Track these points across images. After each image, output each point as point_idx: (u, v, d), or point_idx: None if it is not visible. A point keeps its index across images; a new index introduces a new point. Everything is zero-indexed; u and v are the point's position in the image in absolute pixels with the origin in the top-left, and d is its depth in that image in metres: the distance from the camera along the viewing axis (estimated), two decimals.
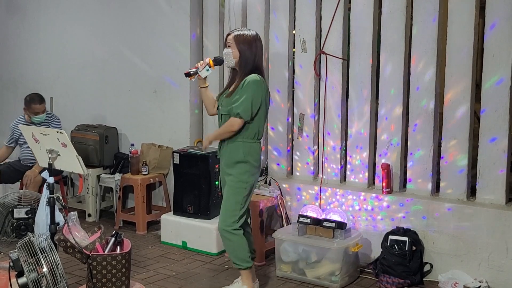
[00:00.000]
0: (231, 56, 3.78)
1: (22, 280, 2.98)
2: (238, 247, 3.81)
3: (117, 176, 5.60)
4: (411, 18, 4.32)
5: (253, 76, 3.72)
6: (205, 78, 3.88)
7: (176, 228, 4.96)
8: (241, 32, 3.81)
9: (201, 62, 3.87)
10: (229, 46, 3.79)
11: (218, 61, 3.89)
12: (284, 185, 4.87)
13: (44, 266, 2.97)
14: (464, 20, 4.07)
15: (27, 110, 5.39)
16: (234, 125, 3.72)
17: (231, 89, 3.82)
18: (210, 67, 3.84)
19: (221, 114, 3.84)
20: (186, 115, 5.43)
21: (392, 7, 4.35)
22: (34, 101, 5.38)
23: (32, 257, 3.00)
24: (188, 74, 3.88)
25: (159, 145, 5.52)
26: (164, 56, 5.52)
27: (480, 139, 4.11)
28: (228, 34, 3.85)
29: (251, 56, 3.77)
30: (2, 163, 5.54)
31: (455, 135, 4.19)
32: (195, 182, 4.89)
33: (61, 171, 5.49)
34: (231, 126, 3.73)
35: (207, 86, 3.94)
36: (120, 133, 5.90)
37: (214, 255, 4.73)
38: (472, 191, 4.24)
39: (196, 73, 3.86)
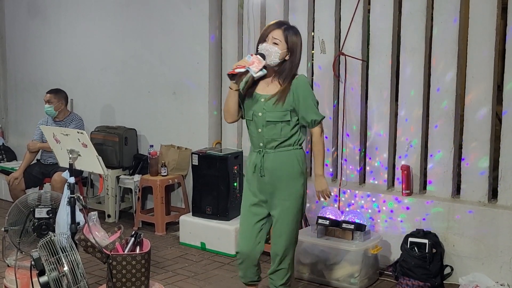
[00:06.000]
0: (278, 56, 3.21)
1: (44, 279, 3.00)
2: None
3: (136, 177, 5.63)
4: (432, 19, 4.29)
5: (303, 77, 3.30)
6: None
7: (195, 229, 4.97)
8: (292, 29, 3.27)
9: (247, 60, 3.19)
10: (275, 44, 3.21)
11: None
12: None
13: (65, 265, 3.00)
14: (485, 21, 4.03)
15: None
16: (321, 135, 3.31)
17: (274, 93, 3.27)
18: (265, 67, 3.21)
19: (266, 121, 3.26)
20: (205, 116, 5.44)
21: (412, 8, 4.32)
22: (48, 91, 5.48)
23: (53, 256, 3.02)
24: (233, 75, 3.17)
25: (178, 147, 5.54)
26: (183, 58, 5.54)
27: (502, 141, 4.07)
28: (274, 29, 3.25)
29: (298, 57, 3.30)
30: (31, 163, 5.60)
31: (476, 137, 4.15)
32: (214, 183, 4.90)
33: (81, 172, 5.53)
34: (322, 139, 3.31)
35: (239, 89, 3.33)
36: (139, 135, 5.93)
37: (232, 257, 4.73)
38: (493, 193, 4.19)
39: (246, 73, 3.18)
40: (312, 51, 4.92)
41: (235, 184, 4.90)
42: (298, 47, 3.28)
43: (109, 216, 5.74)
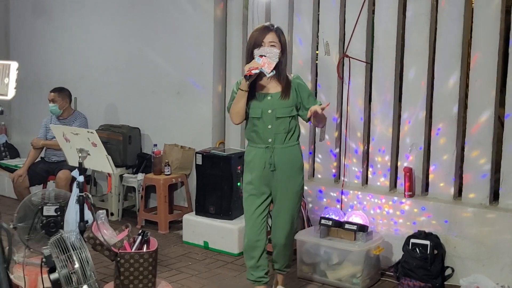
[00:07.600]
0: (277, 57, 3.45)
1: (54, 276, 3.03)
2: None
3: (140, 176, 5.67)
4: (436, 22, 4.33)
5: (299, 76, 3.65)
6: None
7: (198, 228, 5.01)
8: (280, 30, 3.54)
9: (258, 62, 3.39)
10: (273, 46, 3.45)
11: None
12: (305, 187, 4.89)
13: (76, 262, 3.03)
14: (489, 25, 4.07)
15: None
16: None
17: (280, 91, 3.50)
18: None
19: (277, 117, 3.49)
20: (208, 116, 5.48)
21: (417, 11, 4.36)
22: (51, 90, 5.55)
23: (63, 254, 3.06)
24: (250, 76, 3.37)
25: (181, 146, 5.57)
26: (188, 58, 5.57)
27: (504, 144, 4.11)
28: (267, 33, 3.46)
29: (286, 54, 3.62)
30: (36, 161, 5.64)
31: (478, 140, 4.19)
32: (217, 183, 4.94)
33: (86, 170, 5.56)
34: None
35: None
36: (143, 134, 5.97)
37: (235, 256, 4.77)
38: (495, 196, 4.24)
39: (259, 74, 3.40)
40: (317, 53, 4.96)
41: (239, 183, 4.93)
42: (286, 45, 3.60)
43: (112, 214, 5.78)
